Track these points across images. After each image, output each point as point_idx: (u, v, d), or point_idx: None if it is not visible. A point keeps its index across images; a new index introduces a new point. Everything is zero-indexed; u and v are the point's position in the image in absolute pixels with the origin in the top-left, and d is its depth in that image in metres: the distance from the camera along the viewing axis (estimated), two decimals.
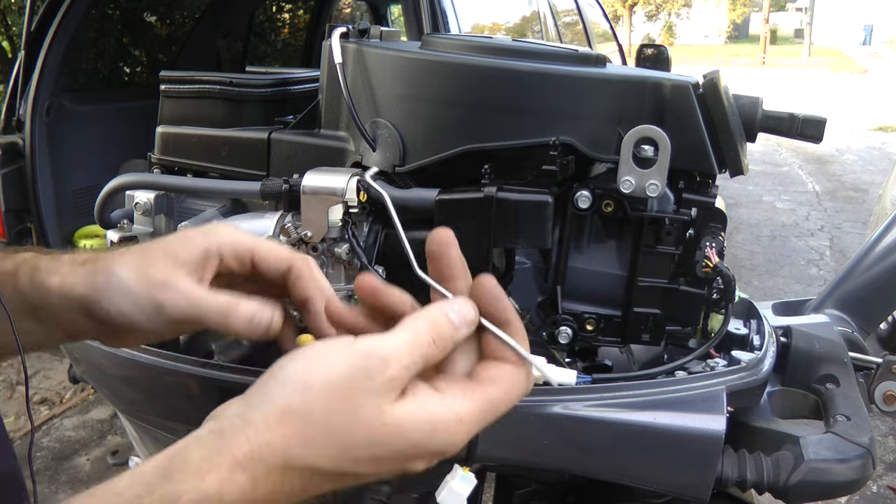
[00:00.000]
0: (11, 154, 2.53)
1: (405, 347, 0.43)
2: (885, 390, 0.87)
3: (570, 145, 0.69)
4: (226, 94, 0.88)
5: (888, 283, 1.04)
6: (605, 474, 0.71)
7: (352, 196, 0.69)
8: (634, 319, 0.73)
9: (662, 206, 0.72)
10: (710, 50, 33.50)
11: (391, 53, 0.73)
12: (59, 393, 3.14)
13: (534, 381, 0.51)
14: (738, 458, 0.70)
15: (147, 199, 0.85)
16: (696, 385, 0.69)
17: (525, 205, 0.67)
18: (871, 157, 8.45)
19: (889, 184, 3.22)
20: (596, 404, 0.68)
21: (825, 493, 0.69)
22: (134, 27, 3.68)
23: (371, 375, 0.41)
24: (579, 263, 0.75)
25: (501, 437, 0.69)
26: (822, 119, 0.77)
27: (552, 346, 0.74)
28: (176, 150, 0.88)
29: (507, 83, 0.68)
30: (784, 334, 0.87)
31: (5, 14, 3.94)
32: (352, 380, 0.41)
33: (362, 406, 0.41)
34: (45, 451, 2.74)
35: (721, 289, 0.75)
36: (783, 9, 48.71)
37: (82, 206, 2.74)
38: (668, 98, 0.70)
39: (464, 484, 0.63)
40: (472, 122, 0.69)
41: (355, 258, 0.70)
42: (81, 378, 0.99)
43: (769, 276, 4.57)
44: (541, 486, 0.95)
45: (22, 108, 2.54)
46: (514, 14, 4.51)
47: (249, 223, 0.77)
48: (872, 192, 6.45)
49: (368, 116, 0.74)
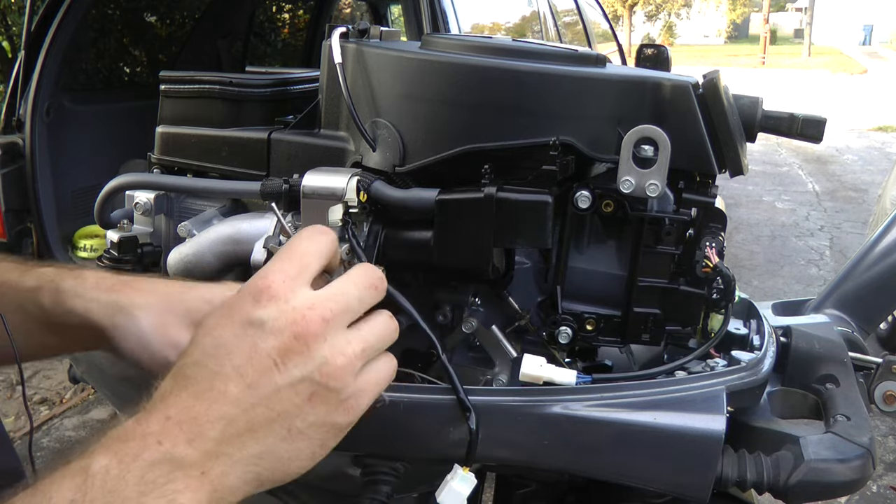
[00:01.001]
0: (11, 154, 2.53)
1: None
2: (885, 390, 0.87)
3: (570, 145, 0.69)
4: (226, 94, 0.88)
5: (888, 283, 1.04)
6: (604, 474, 0.71)
7: (352, 196, 0.69)
8: (634, 319, 0.73)
9: (662, 206, 0.72)
10: (709, 50, 33.50)
11: (391, 53, 0.73)
12: (59, 393, 3.14)
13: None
14: (738, 458, 0.70)
15: (147, 199, 0.85)
16: (696, 385, 0.69)
17: (525, 205, 0.67)
18: (871, 157, 8.45)
19: (889, 184, 3.22)
20: (596, 404, 0.68)
21: (825, 493, 0.69)
22: (134, 27, 3.68)
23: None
24: (579, 263, 0.75)
25: (501, 437, 0.69)
26: (822, 119, 0.77)
27: (552, 346, 0.74)
28: (176, 150, 0.88)
29: (507, 83, 0.68)
30: (784, 334, 0.87)
31: (5, 14, 3.94)
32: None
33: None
34: (45, 451, 2.74)
35: (721, 289, 0.75)
36: (783, 9, 48.68)
37: (82, 206, 2.74)
38: (668, 98, 0.70)
39: (464, 484, 0.64)
40: (472, 122, 0.70)
41: (355, 258, 0.70)
42: (81, 378, 0.99)
43: (769, 276, 4.57)
44: (541, 486, 0.95)
45: (22, 108, 2.54)
46: (514, 14, 4.51)
47: (249, 223, 0.77)
48: (872, 192, 6.45)
49: (368, 116, 0.74)
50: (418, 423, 0.69)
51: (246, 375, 0.47)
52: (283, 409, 0.48)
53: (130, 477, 0.43)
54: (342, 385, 0.49)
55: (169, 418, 0.45)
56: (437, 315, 0.76)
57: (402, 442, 0.71)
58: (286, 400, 0.48)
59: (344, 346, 0.49)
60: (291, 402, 0.48)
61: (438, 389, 0.69)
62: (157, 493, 0.43)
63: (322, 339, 0.49)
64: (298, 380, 0.48)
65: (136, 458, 0.43)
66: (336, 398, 0.49)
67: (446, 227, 0.69)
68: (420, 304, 0.74)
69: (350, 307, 0.51)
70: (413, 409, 0.69)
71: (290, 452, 0.49)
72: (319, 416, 0.49)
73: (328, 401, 0.49)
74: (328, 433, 0.50)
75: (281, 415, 0.48)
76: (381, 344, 0.53)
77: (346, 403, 0.50)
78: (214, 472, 0.45)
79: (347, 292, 0.51)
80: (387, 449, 0.72)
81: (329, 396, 0.49)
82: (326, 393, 0.49)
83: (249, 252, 0.74)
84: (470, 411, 0.66)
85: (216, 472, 0.45)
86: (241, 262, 0.76)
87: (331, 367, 0.48)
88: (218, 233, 0.78)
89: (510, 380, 0.74)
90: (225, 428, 0.46)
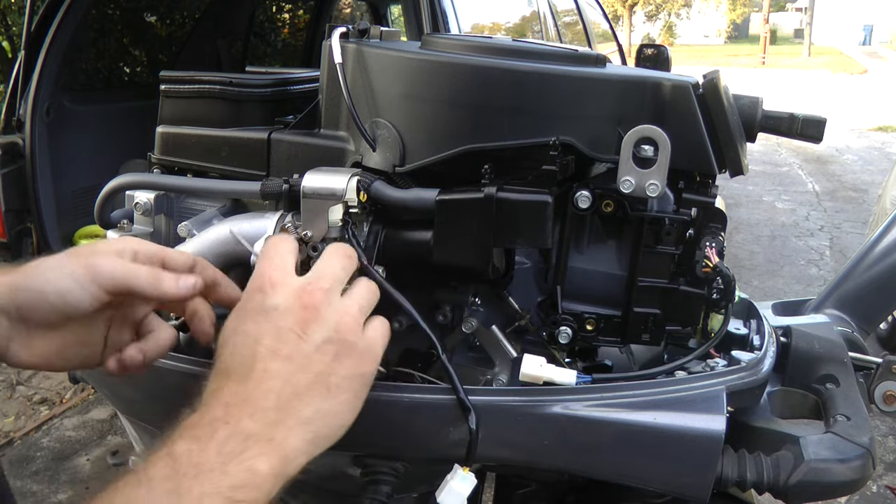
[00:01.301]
0: (11, 154, 2.53)
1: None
2: (885, 390, 0.87)
3: (570, 145, 0.69)
4: (226, 94, 0.88)
5: (888, 283, 1.04)
6: (604, 474, 0.71)
7: (352, 196, 0.69)
8: (634, 319, 0.73)
9: (662, 206, 0.72)
10: (709, 50, 33.51)
11: (391, 53, 0.73)
12: (59, 393, 3.14)
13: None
14: (738, 458, 0.70)
15: (147, 199, 0.85)
16: (696, 385, 0.69)
17: (525, 205, 0.67)
18: (871, 157, 8.45)
19: (889, 184, 3.22)
20: (596, 404, 0.68)
21: (825, 493, 0.69)
22: (134, 27, 3.69)
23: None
24: (579, 263, 0.75)
25: (501, 437, 0.69)
26: (822, 119, 0.77)
27: (552, 346, 0.74)
28: (176, 150, 0.88)
29: (507, 83, 0.68)
30: (784, 334, 0.87)
31: (5, 14, 3.94)
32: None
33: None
34: (45, 451, 2.74)
35: (721, 289, 0.75)
36: (783, 9, 48.69)
37: (82, 206, 2.74)
38: (668, 98, 0.70)
39: (464, 484, 0.64)
40: (472, 122, 0.69)
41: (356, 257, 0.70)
42: (81, 378, 0.99)
43: (769, 276, 4.57)
44: (541, 486, 0.95)
45: (22, 108, 2.55)
46: (514, 14, 4.51)
47: (250, 223, 0.77)
48: (872, 192, 6.46)
49: (368, 116, 0.74)
50: (418, 422, 0.69)
51: (279, 351, 0.54)
52: (318, 371, 0.55)
53: (210, 451, 0.49)
54: (356, 338, 0.58)
55: (227, 404, 0.52)
56: (437, 315, 0.76)
57: (401, 442, 0.71)
58: (318, 361, 0.55)
59: (346, 307, 0.58)
60: (322, 362, 0.55)
61: (438, 389, 0.69)
62: (236, 462, 0.49)
63: (327, 304, 0.57)
64: (322, 342, 0.56)
65: (210, 438, 0.50)
66: (355, 351, 0.57)
67: (446, 227, 0.69)
68: (420, 304, 0.74)
69: (338, 277, 0.60)
70: (413, 408, 0.69)
71: (335, 407, 0.56)
72: (348, 369, 0.57)
73: (350, 354, 0.57)
74: (359, 383, 0.58)
75: (318, 375, 0.55)
76: (370, 302, 0.61)
77: (364, 355, 0.58)
78: (278, 438, 0.52)
79: (332, 266, 0.60)
80: (387, 449, 0.72)
81: (350, 351, 0.57)
82: (347, 348, 0.57)
83: (249, 252, 0.74)
84: (470, 411, 0.66)
85: (279, 437, 0.52)
86: (241, 262, 0.76)
87: (343, 325, 0.57)
88: (218, 233, 0.78)
89: (510, 380, 0.74)
90: (277, 399, 0.53)
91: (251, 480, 0.49)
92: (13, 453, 2.71)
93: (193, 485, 0.47)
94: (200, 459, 0.48)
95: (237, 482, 0.48)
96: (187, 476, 0.47)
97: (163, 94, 0.91)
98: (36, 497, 2.47)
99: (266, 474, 0.50)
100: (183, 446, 0.49)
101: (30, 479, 2.56)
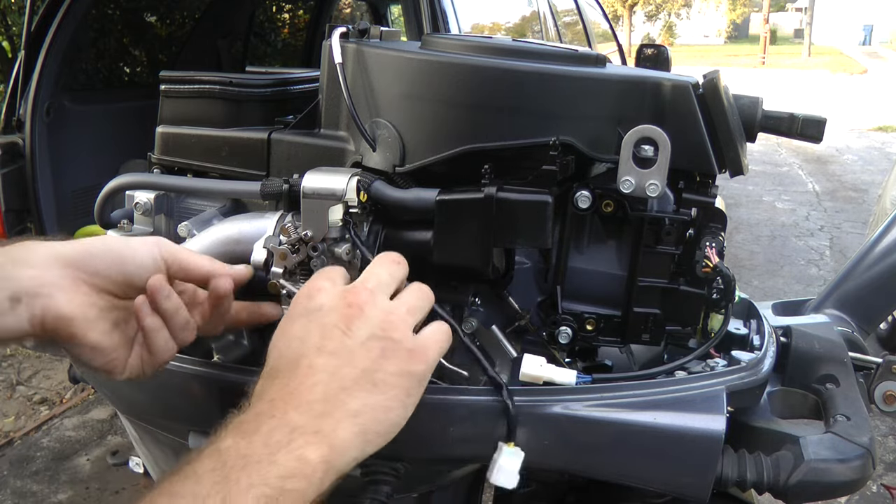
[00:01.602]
0: (11, 154, 2.53)
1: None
2: (885, 390, 0.87)
3: (570, 145, 0.69)
4: (226, 94, 0.88)
5: (888, 283, 1.04)
6: (604, 474, 0.71)
7: (352, 196, 0.69)
8: (634, 319, 0.73)
9: (662, 206, 0.72)
10: (709, 50, 33.50)
11: (391, 53, 0.73)
12: (59, 393, 3.14)
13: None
14: (738, 458, 0.70)
15: (147, 199, 0.85)
16: (696, 385, 0.69)
17: (525, 205, 0.67)
18: (871, 157, 8.45)
19: (889, 184, 3.22)
20: (596, 404, 0.68)
21: (825, 493, 0.69)
22: (134, 27, 3.69)
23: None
24: (579, 263, 0.75)
25: (501, 436, 0.69)
26: (822, 119, 0.77)
27: (552, 346, 0.74)
28: (176, 150, 0.88)
29: (507, 83, 0.68)
30: (784, 334, 0.87)
31: (5, 14, 3.94)
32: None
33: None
34: (45, 451, 2.74)
35: (721, 289, 0.75)
36: (783, 9, 48.69)
37: (82, 206, 2.74)
38: (668, 98, 0.70)
39: (512, 458, 0.65)
40: (472, 122, 0.69)
41: (355, 258, 0.70)
42: (81, 378, 0.99)
43: (769, 276, 4.57)
44: (541, 486, 0.95)
45: (22, 108, 2.55)
46: (514, 14, 4.51)
47: (249, 223, 0.77)
48: (872, 192, 6.46)
49: (368, 116, 0.74)
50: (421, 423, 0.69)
51: (324, 347, 0.56)
52: (363, 366, 0.56)
53: (257, 443, 0.49)
54: (402, 336, 0.58)
55: (273, 399, 0.53)
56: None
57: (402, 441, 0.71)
58: (363, 357, 0.56)
59: (392, 307, 0.59)
60: (368, 357, 0.56)
61: (441, 390, 0.69)
62: (284, 451, 0.49)
63: (372, 304, 0.58)
64: (366, 338, 0.57)
65: (256, 431, 0.50)
66: (403, 349, 0.58)
67: (446, 227, 0.69)
68: None
69: (383, 281, 0.61)
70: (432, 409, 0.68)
71: (385, 402, 0.56)
72: (395, 366, 0.57)
73: (397, 352, 0.57)
74: (409, 381, 0.57)
75: (364, 371, 0.56)
76: (422, 304, 0.62)
77: (414, 354, 0.58)
78: (326, 430, 0.52)
79: (377, 272, 0.62)
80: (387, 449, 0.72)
81: (396, 348, 0.57)
82: (393, 345, 0.57)
83: (249, 252, 0.74)
84: (502, 387, 0.66)
85: (327, 429, 0.52)
86: (242, 263, 0.76)
87: (388, 323, 0.58)
88: (218, 233, 0.78)
89: (510, 380, 0.74)
90: (323, 392, 0.54)
91: (300, 469, 0.49)
92: (13, 453, 2.71)
93: (241, 476, 0.47)
94: (248, 451, 0.49)
95: (286, 472, 0.48)
96: (235, 468, 0.47)
97: (163, 94, 0.91)
98: (36, 497, 2.47)
99: (316, 463, 0.50)
100: (229, 441, 0.50)
101: (30, 479, 2.56)
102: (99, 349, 0.62)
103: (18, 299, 0.59)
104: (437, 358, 0.60)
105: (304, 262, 0.70)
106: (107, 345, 0.63)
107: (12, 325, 0.59)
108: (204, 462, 0.48)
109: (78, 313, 0.61)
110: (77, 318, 0.61)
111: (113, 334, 0.63)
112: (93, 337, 0.62)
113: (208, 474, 0.47)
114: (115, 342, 0.64)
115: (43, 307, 0.59)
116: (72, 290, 0.61)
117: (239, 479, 0.47)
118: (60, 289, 0.60)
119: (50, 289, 0.60)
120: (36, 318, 0.59)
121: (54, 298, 0.60)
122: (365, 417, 0.54)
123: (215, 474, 0.47)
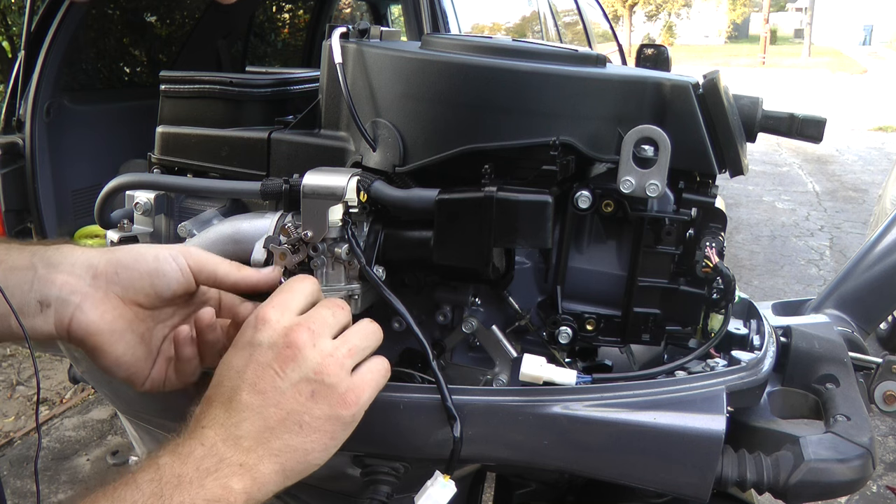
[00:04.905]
0: (11, 154, 2.53)
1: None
2: (885, 390, 0.87)
3: (570, 145, 0.69)
4: (226, 94, 0.88)
5: (888, 283, 1.04)
6: (604, 474, 0.71)
7: (352, 196, 0.69)
8: (634, 319, 0.73)
9: (662, 206, 0.72)
10: (710, 50, 33.51)
11: (391, 53, 0.73)
12: (59, 393, 3.14)
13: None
14: (738, 458, 0.70)
15: (147, 199, 0.85)
16: (696, 385, 0.69)
17: (525, 205, 0.67)
18: (871, 157, 8.45)
19: (889, 184, 3.23)
20: (596, 404, 0.68)
21: (825, 493, 0.69)
22: (134, 27, 3.68)
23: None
24: (579, 263, 0.75)
25: (501, 437, 0.69)
26: (822, 119, 0.77)
27: (552, 346, 0.74)
28: (176, 150, 0.88)
29: (507, 83, 0.68)
30: (784, 334, 0.87)
31: (5, 14, 3.94)
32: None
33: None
34: (45, 451, 2.74)
35: (721, 289, 0.75)
36: (783, 9, 48.69)
37: (82, 206, 2.74)
38: (668, 98, 0.70)
39: (443, 491, 0.64)
40: (472, 122, 0.69)
41: (354, 259, 0.70)
42: (81, 378, 0.99)
43: (769, 276, 4.57)
44: (541, 486, 0.95)
45: (22, 108, 2.55)
46: (514, 14, 4.51)
47: (249, 223, 0.77)
48: (872, 192, 6.46)
49: (368, 116, 0.74)
50: (416, 423, 0.69)
51: (255, 385, 0.57)
52: (291, 408, 0.57)
53: (190, 466, 0.53)
54: (337, 380, 0.58)
55: (204, 427, 0.56)
56: (437, 315, 0.76)
57: (399, 442, 0.71)
58: (292, 399, 0.57)
59: (332, 348, 0.59)
60: (296, 400, 0.57)
61: (432, 390, 0.69)
62: (212, 478, 0.53)
63: (311, 345, 0.58)
64: (298, 380, 0.57)
65: (190, 455, 0.54)
66: (335, 393, 0.58)
67: (446, 227, 0.69)
68: (420, 305, 0.74)
69: (327, 321, 0.61)
70: (412, 409, 0.69)
71: (306, 444, 0.57)
72: (324, 410, 0.58)
73: (328, 396, 0.58)
74: (336, 426, 0.58)
75: (290, 413, 0.57)
76: (366, 344, 0.62)
77: (345, 397, 0.58)
78: (249, 464, 0.55)
79: (321, 312, 0.62)
80: (384, 449, 0.72)
81: (328, 392, 0.58)
82: (325, 389, 0.58)
83: (249, 252, 0.74)
84: (455, 419, 0.66)
85: (251, 463, 0.55)
86: (241, 263, 0.76)
87: (323, 367, 0.58)
88: (218, 233, 0.78)
89: (510, 380, 0.74)
90: (248, 428, 0.56)
91: (225, 497, 0.53)
92: (13, 453, 2.71)
93: (174, 493, 0.52)
94: (181, 472, 0.53)
95: (212, 496, 0.53)
96: (169, 485, 0.52)
97: (163, 94, 0.91)
98: (36, 497, 2.46)
99: (238, 492, 0.54)
100: (167, 458, 0.54)
101: (30, 479, 2.56)
102: (123, 362, 0.65)
103: (48, 304, 0.61)
104: (371, 397, 0.61)
105: (304, 262, 0.70)
106: (131, 358, 0.65)
107: (39, 326, 0.61)
108: (144, 473, 0.53)
109: (105, 327, 0.63)
110: (104, 331, 0.63)
111: (138, 348, 0.65)
112: (118, 350, 0.64)
113: (146, 484, 0.52)
114: (140, 356, 0.66)
115: (71, 315, 0.62)
116: (102, 302, 0.63)
117: (172, 496, 0.51)
118: (90, 299, 0.62)
119: (80, 297, 0.62)
120: (63, 324, 0.62)
121: (83, 308, 0.62)
122: (285, 457, 0.57)
123: (153, 485, 0.52)
